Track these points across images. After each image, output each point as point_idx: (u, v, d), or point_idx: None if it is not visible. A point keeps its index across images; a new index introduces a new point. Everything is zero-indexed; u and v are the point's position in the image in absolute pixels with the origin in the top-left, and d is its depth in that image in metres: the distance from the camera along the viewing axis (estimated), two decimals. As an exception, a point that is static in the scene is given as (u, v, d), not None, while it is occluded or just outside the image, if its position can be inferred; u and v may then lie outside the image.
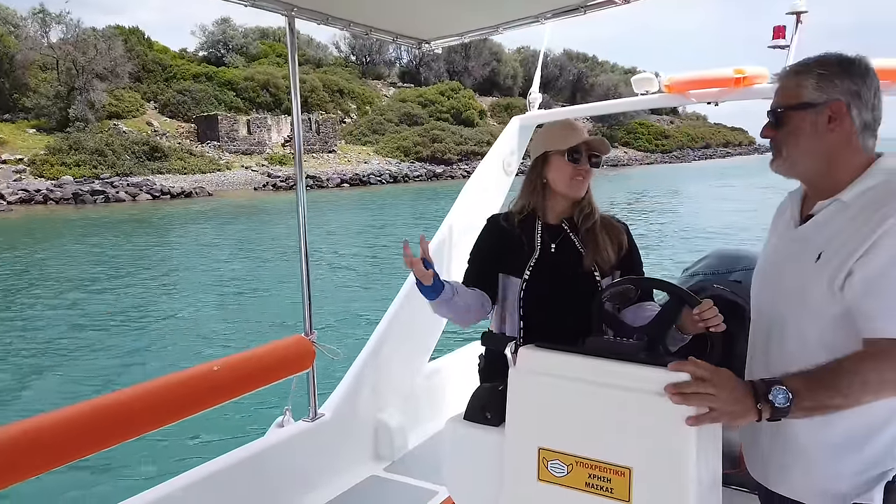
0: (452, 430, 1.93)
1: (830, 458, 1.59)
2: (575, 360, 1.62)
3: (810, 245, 1.59)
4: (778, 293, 1.66)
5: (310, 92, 54.71)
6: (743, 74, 3.00)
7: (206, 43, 60.27)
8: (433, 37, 3.38)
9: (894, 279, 1.44)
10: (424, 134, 55.86)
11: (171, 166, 41.97)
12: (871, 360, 1.42)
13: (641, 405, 1.50)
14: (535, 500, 1.65)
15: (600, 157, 2.21)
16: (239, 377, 2.71)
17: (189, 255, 20.24)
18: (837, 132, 1.57)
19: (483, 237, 2.32)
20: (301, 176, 2.99)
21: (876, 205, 1.50)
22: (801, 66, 1.63)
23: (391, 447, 3.23)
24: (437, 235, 3.50)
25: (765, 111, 1.74)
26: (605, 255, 2.15)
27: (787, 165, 1.65)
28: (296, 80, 2.96)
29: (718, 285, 2.75)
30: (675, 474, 1.48)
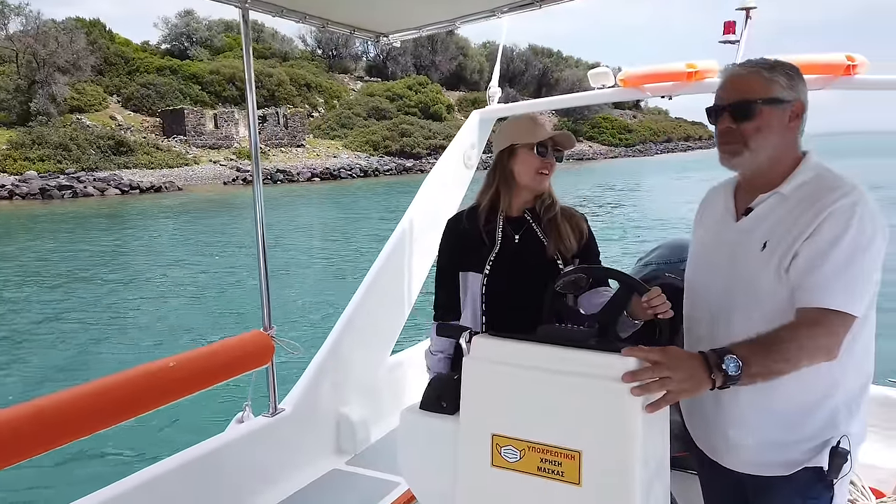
0: (408, 420, 1.93)
1: (778, 430, 1.67)
2: (527, 347, 1.63)
3: (754, 236, 1.67)
4: (726, 282, 1.71)
5: (277, 86, 54.07)
6: (695, 69, 3.04)
7: (169, 35, 59.18)
8: (391, 30, 3.35)
9: (831, 257, 1.54)
10: (393, 128, 55.71)
11: (138, 161, 41.31)
12: (806, 327, 1.52)
13: (591, 390, 1.52)
14: (488, 485, 1.66)
15: (563, 151, 2.23)
16: (196, 373, 2.65)
17: (162, 250, 19.92)
18: (793, 130, 1.67)
19: (442, 247, 2.35)
20: (258, 171, 2.95)
21: (813, 197, 1.60)
22: (768, 64, 1.68)
23: (353, 441, 3.20)
24: (398, 229, 3.47)
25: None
26: (567, 243, 2.19)
27: (750, 160, 1.67)
28: (250, 74, 2.91)
29: (670, 273, 2.79)
30: (623, 456, 1.50)
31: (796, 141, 1.69)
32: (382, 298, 3.41)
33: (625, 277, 1.94)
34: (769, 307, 1.61)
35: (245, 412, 2.95)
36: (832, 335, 1.53)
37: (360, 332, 3.31)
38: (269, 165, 45.62)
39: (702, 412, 1.81)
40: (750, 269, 1.66)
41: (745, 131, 1.65)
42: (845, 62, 2.83)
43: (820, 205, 1.57)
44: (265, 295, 2.96)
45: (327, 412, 3.19)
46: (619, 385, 1.46)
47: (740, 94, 1.66)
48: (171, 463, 2.54)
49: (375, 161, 52.03)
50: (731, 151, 1.68)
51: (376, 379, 3.49)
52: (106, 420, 2.26)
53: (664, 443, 1.66)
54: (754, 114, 1.64)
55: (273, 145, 49.62)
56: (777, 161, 1.68)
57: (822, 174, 1.65)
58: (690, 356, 1.48)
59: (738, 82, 1.68)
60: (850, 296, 1.53)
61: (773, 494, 1.72)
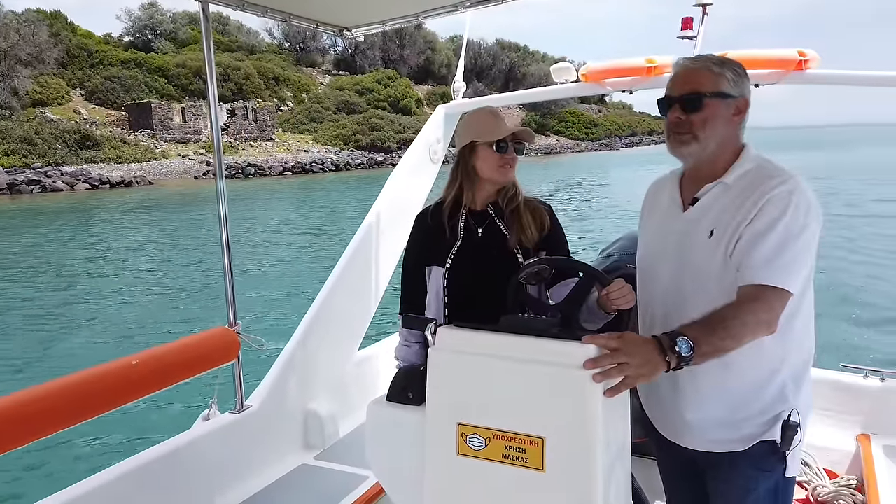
0: (374, 412, 1.94)
1: (733, 407, 1.75)
2: (491, 337, 1.66)
3: (701, 225, 1.75)
4: (676, 270, 1.79)
5: (244, 79, 53.22)
6: (654, 64, 3.08)
7: (132, 28, 57.44)
8: (354, 24, 3.31)
9: (768, 239, 1.63)
10: (363, 122, 55.24)
11: (105, 155, 40.37)
12: (747, 304, 1.61)
13: (553, 378, 1.55)
14: (454, 473, 1.67)
15: (524, 143, 2.24)
16: (159, 371, 2.59)
17: (137, 244, 19.58)
18: (736, 124, 1.77)
19: (410, 240, 2.36)
20: (220, 166, 2.89)
21: (754, 185, 1.71)
22: (719, 60, 1.77)
23: (321, 436, 3.17)
24: (364, 224, 3.44)
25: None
26: (529, 234, 2.18)
27: (698, 149, 1.75)
28: (212, 68, 2.85)
29: (631, 265, 2.82)
30: (585, 441, 1.53)
31: (738, 134, 1.79)
32: (349, 293, 3.38)
33: (587, 268, 1.96)
34: (718, 292, 1.67)
35: (211, 409, 2.90)
36: (771, 310, 1.60)
37: (327, 327, 3.27)
38: (239, 160, 45.04)
39: (659, 396, 1.87)
40: (698, 257, 1.74)
41: (693, 122, 1.73)
42: (797, 57, 2.88)
43: (760, 191, 1.67)
44: (230, 291, 2.91)
45: (295, 408, 3.15)
46: (580, 372, 1.49)
47: (690, 86, 1.73)
48: (136, 462, 2.48)
49: (346, 155, 51.58)
50: (681, 141, 1.75)
51: (344, 374, 3.46)
52: (65, 421, 2.20)
53: (625, 427, 1.70)
54: (702, 106, 1.71)
55: (242, 139, 48.85)
56: (721, 152, 1.77)
57: (761, 164, 1.76)
58: (645, 341, 1.54)
59: (689, 76, 1.75)
60: (787, 274, 1.62)
61: (729, 469, 1.80)
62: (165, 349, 2.72)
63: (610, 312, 1.95)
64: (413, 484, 1.80)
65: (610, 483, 1.59)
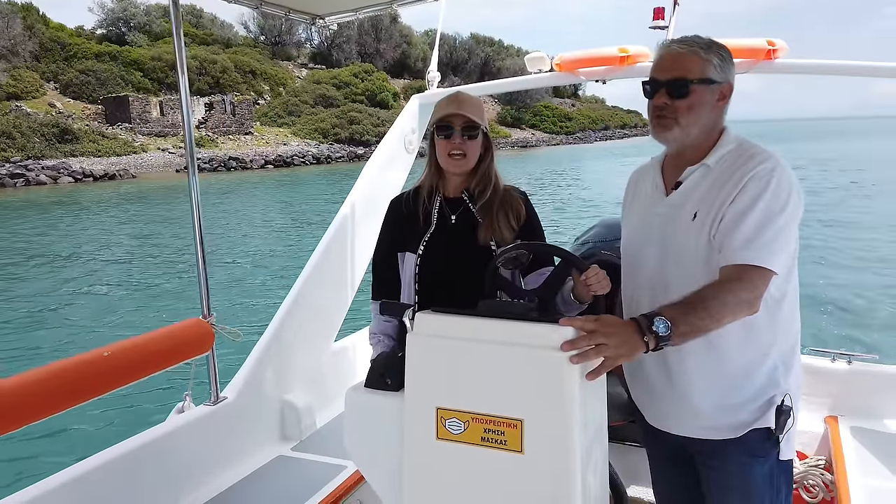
0: (353, 399, 1.90)
1: (725, 392, 1.72)
2: (469, 321, 1.64)
3: (685, 208, 1.72)
4: (661, 255, 1.76)
5: (221, 73, 52.48)
6: (627, 53, 3.05)
7: (105, 20, 56.18)
8: (327, 12, 3.23)
9: (749, 217, 1.60)
10: (342, 116, 54.83)
11: (84, 149, 39.86)
12: (727, 283, 1.58)
13: (531, 360, 1.54)
14: (434, 458, 1.66)
15: (478, 127, 2.11)
16: (132, 363, 2.51)
17: (124, 236, 19.35)
18: (719, 109, 1.73)
19: (384, 224, 2.29)
20: (192, 158, 2.81)
21: (735, 165, 1.68)
22: (705, 43, 1.71)
23: (298, 427, 3.10)
24: (339, 215, 3.37)
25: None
26: (502, 226, 2.12)
27: (680, 135, 1.71)
28: (182, 60, 2.75)
29: (605, 251, 2.83)
30: (562, 422, 1.52)
31: (721, 119, 1.76)
32: (325, 283, 3.31)
33: (564, 253, 1.96)
34: (703, 275, 1.65)
35: (185, 402, 2.82)
36: (753, 289, 1.57)
37: (303, 317, 3.20)
38: (219, 153, 44.68)
39: (649, 384, 1.84)
40: (683, 240, 1.71)
41: (678, 108, 1.68)
42: (766, 46, 2.88)
43: (741, 171, 1.65)
44: (203, 282, 2.83)
45: (271, 399, 3.08)
46: (558, 354, 1.48)
47: (678, 72, 1.68)
48: (109, 455, 2.40)
49: (326, 148, 51.24)
50: (664, 126, 1.71)
51: (321, 364, 3.39)
52: (33, 414, 2.12)
53: (602, 408, 1.70)
54: (689, 92, 1.67)
55: (221, 133, 48.44)
56: (707, 137, 1.74)
57: (742, 144, 1.73)
58: (623, 322, 1.52)
59: (676, 60, 1.70)
60: (769, 252, 1.59)
61: (722, 457, 1.76)
62: (138, 340, 2.63)
63: (585, 300, 1.94)
64: (392, 470, 1.77)
65: (588, 464, 1.58)
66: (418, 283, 2.15)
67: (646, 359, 1.76)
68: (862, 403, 3.05)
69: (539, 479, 1.56)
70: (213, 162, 43.07)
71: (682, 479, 1.94)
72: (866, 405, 3.03)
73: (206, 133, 47.11)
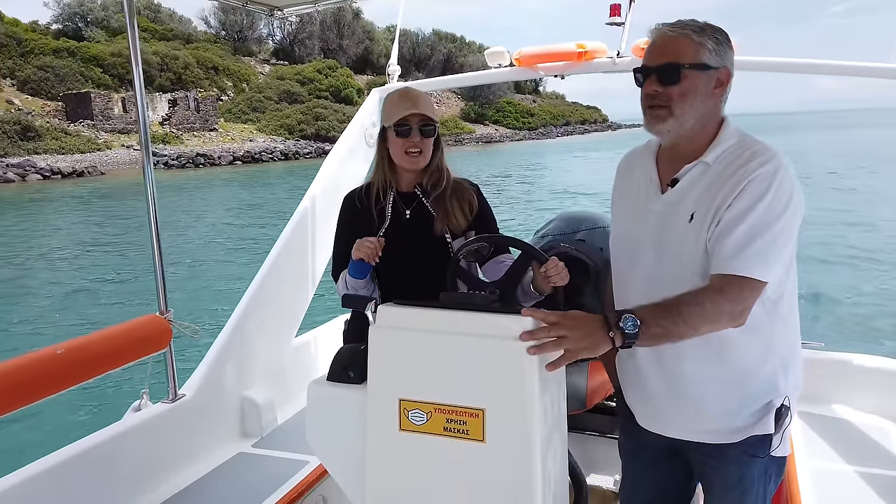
0: (315, 392, 1.88)
1: (723, 398, 1.64)
2: (431, 313, 1.64)
3: (682, 208, 1.60)
4: (657, 255, 1.65)
5: (183, 69, 51.33)
6: (584, 49, 3.05)
7: (61, 15, 54.27)
8: (285, 4, 3.14)
9: (742, 224, 1.49)
10: (307, 112, 54.14)
11: (48, 146, 38.94)
12: (711, 292, 1.49)
13: (491, 350, 1.54)
14: (396, 449, 1.65)
15: (434, 125, 2.12)
16: (86, 360, 2.42)
17: (101, 232, 18.93)
18: (717, 97, 1.59)
19: (339, 221, 2.27)
20: (148, 155, 2.71)
21: (736, 164, 1.55)
22: (697, 26, 1.57)
23: (259, 423, 3.02)
24: (300, 209, 3.30)
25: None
26: (455, 219, 2.13)
27: (675, 125, 1.57)
28: (137, 53, 2.65)
29: (565, 244, 2.83)
30: (523, 411, 1.52)
31: (719, 108, 1.61)
32: (285, 278, 3.23)
33: (524, 246, 1.97)
34: (700, 279, 1.55)
35: (142, 400, 2.72)
36: (738, 301, 1.48)
37: (263, 312, 3.12)
38: (186, 150, 44.07)
39: (645, 387, 1.75)
40: (679, 242, 1.60)
41: (671, 95, 1.55)
42: None
43: (742, 172, 1.52)
44: (160, 277, 2.74)
45: (231, 396, 2.99)
46: (518, 344, 1.47)
47: (668, 56, 1.55)
48: (62, 455, 2.30)
49: (292, 144, 50.61)
50: (657, 116, 1.57)
51: (282, 360, 3.31)
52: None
53: (561, 398, 1.71)
54: (681, 78, 1.53)
55: (185, 129, 47.58)
56: (704, 128, 1.60)
57: (743, 140, 1.60)
58: (590, 317, 1.47)
59: (667, 44, 1.57)
60: (760, 262, 1.48)
61: (722, 458, 1.70)
62: (93, 338, 2.54)
63: (545, 291, 1.94)
64: (355, 463, 1.76)
65: (548, 451, 1.59)
66: (377, 278, 2.15)
67: (642, 362, 1.71)
68: (809, 390, 3.10)
69: (500, 467, 1.56)
70: (182, 158, 42.50)
71: (670, 476, 1.87)
72: (814, 391, 3.08)
73: (171, 130, 46.37)
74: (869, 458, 2.65)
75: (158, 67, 48.83)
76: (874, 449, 2.73)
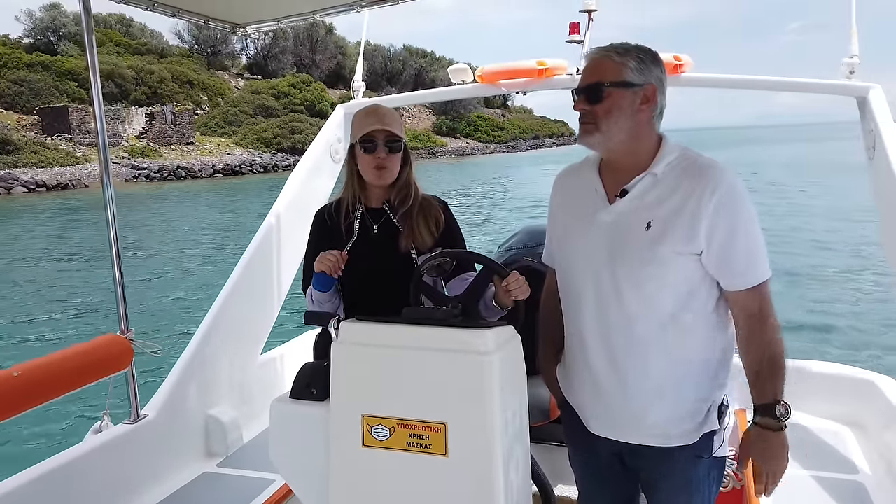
0: (278, 410, 1.83)
1: (676, 400, 1.66)
2: (393, 328, 1.63)
3: (636, 216, 1.63)
4: (609, 263, 1.65)
5: (159, 83, 50.67)
6: (545, 66, 3.04)
7: (33, 29, 52.95)
8: (248, 21, 3.06)
9: (739, 239, 1.58)
10: (283, 125, 53.74)
11: (27, 160, 38.22)
12: (758, 323, 1.63)
13: (453, 364, 1.53)
14: (360, 465, 1.62)
15: (400, 140, 2.09)
16: (44, 382, 2.30)
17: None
18: (645, 113, 1.64)
19: (310, 237, 2.23)
20: (107, 170, 2.61)
21: (683, 175, 1.62)
22: (622, 48, 1.65)
23: (224, 443, 2.90)
24: (265, 225, 3.20)
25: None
26: (423, 232, 2.11)
27: (602, 140, 1.65)
28: (94, 66, 2.55)
29: (528, 258, 2.82)
30: (483, 424, 1.51)
31: (651, 123, 1.66)
32: (250, 295, 3.13)
33: (486, 261, 1.95)
34: (654, 284, 1.61)
35: (103, 421, 2.60)
36: (770, 303, 1.62)
37: (227, 330, 3.01)
38: (165, 162, 43.85)
39: (600, 393, 1.73)
40: (635, 249, 1.62)
41: (596, 112, 1.62)
42: (673, 61, 2.89)
43: (694, 184, 1.58)
44: (120, 295, 2.63)
45: (195, 415, 2.87)
46: (478, 357, 1.49)
47: (593, 77, 1.64)
48: (19, 480, 2.19)
49: (270, 157, 50.22)
50: (586, 131, 1.66)
51: (247, 378, 3.19)
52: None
53: (522, 410, 1.69)
54: (604, 96, 1.61)
55: (163, 143, 47.17)
56: (637, 143, 1.66)
57: (685, 153, 1.66)
58: (765, 440, 1.66)
59: (594, 66, 1.66)
60: (765, 261, 1.61)
61: (671, 461, 1.72)
62: (51, 359, 2.42)
63: (507, 306, 1.92)
64: (319, 480, 1.71)
65: (510, 463, 1.57)
66: (342, 292, 2.12)
67: (596, 368, 1.71)
68: None
69: (463, 480, 1.54)
70: (163, 171, 42.44)
71: (619, 484, 1.87)
72: None
73: (148, 143, 45.98)
74: (826, 462, 2.64)
75: (134, 81, 48.14)
76: (831, 454, 2.73)
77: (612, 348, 1.67)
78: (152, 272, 13.79)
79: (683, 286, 1.61)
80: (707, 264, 1.60)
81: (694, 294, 1.62)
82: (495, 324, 1.62)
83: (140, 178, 41.00)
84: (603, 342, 1.68)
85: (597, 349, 1.69)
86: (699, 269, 1.61)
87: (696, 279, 1.61)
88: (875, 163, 2.60)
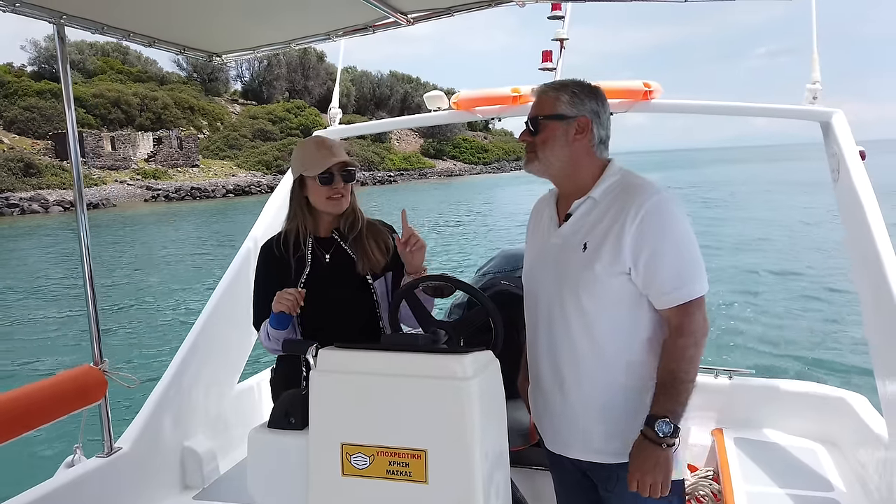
0: (256, 440, 1.71)
1: (610, 415, 1.63)
2: (372, 355, 1.53)
3: (575, 238, 1.65)
4: (556, 283, 1.67)
5: (162, 109, 50.70)
6: (519, 93, 2.93)
7: (38, 58, 52.53)
8: (223, 50, 2.88)
9: (664, 257, 1.55)
10: (283, 149, 53.96)
11: (49, 182, 38.87)
12: (676, 338, 1.56)
13: (431, 390, 1.45)
14: (339, 494, 1.51)
15: (354, 170, 2.03)
16: (13, 417, 2.08)
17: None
18: (581, 142, 1.66)
19: (258, 272, 2.09)
20: (81, 196, 2.41)
21: (622, 198, 1.60)
22: (558, 84, 1.69)
23: (200, 474, 2.67)
24: (240, 253, 2.99)
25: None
26: (376, 258, 2.04)
27: (541, 167, 1.69)
28: (69, 93, 2.37)
29: (505, 281, 2.70)
30: (463, 450, 1.42)
31: (589, 151, 1.67)
32: (227, 322, 2.88)
33: (483, 299, 1.79)
34: (592, 303, 1.60)
35: (76, 455, 2.36)
36: (696, 322, 1.55)
37: (203, 359, 2.78)
38: (176, 183, 44.93)
39: (550, 409, 1.74)
40: (574, 269, 1.63)
41: (535, 143, 1.67)
42: (643, 88, 2.80)
43: (627, 204, 1.57)
44: (94, 326, 2.41)
45: (171, 446, 2.63)
46: (457, 383, 1.41)
47: (533, 110, 1.69)
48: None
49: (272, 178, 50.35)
50: (528, 160, 1.71)
51: (223, 407, 2.95)
52: None
53: (502, 435, 1.60)
54: (540, 128, 1.66)
55: (170, 166, 47.93)
56: (576, 170, 1.67)
57: (625, 176, 1.66)
58: (641, 449, 1.55)
59: (535, 100, 1.71)
60: (697, 278, 1.56)
61: (618, 482, 1.66)
62: (20, 392, 2.20)
63: (416, 268, 1.91)
64: None
65: (490, 489, 1.47)
66: (301, 325, 2.01)
67: (544, 385, 1.72)
68: (743, 415, 2.96)
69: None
70: (180, 192, 43.98)
71: (594, 499, 1.78)
72: (747, 417, 2.95)
73: (157, 166, 46.64)
74: (801, 480, 2.51)
75: (139, 108, 47.92)
76: (805, 471, 2.59)
77: (557, 367, 1.67)
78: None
79: (622, 306, 1.59)
80: (636, 283, 1.58)
81: (633, 314, 1.60)
82: (473, 349, 1.53)
83: (160, 199, 42.02)
84: (550, 361, 1.69)
85: (546, 368, 1.70)
86: (634, 288, 1.58)
87: (632, 299, 1.59)
88: (840, 185, 2.51)
